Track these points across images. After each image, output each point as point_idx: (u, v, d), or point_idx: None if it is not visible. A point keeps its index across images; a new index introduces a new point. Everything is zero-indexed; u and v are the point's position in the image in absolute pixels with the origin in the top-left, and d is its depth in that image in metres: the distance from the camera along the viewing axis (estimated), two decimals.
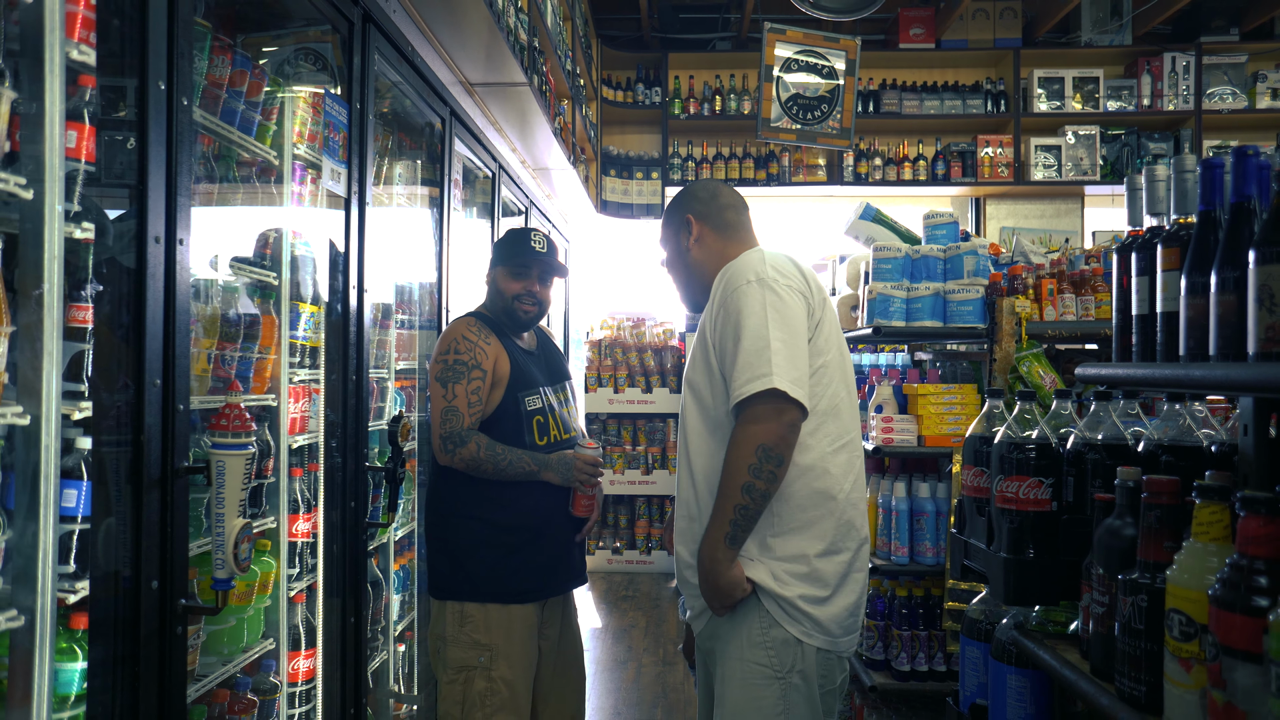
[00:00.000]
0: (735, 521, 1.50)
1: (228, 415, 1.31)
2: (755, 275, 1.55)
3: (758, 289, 1.54)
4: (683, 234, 1.77)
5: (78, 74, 1.34)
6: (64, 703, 1.33)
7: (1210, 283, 1.09)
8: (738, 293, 1.55)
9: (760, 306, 1.52)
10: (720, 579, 1.53)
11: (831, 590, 1.56)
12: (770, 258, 1.61)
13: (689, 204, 1.79)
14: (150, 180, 1.25)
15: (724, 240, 1.75)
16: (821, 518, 1.56)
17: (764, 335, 1.49)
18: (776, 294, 1.53)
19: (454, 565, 2.07)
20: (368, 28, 2.09)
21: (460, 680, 2.02)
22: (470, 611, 2.04)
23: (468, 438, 2.00)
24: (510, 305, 2.15)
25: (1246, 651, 0.86)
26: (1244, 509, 0.91)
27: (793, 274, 1.59)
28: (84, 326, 1.37)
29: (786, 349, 1.49)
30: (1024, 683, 1.41)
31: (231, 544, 1.30)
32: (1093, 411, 1.50)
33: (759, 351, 1.48)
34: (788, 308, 1.53)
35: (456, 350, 2.05)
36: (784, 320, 1.52)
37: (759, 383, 1.47)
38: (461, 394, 2.02)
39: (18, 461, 1.24)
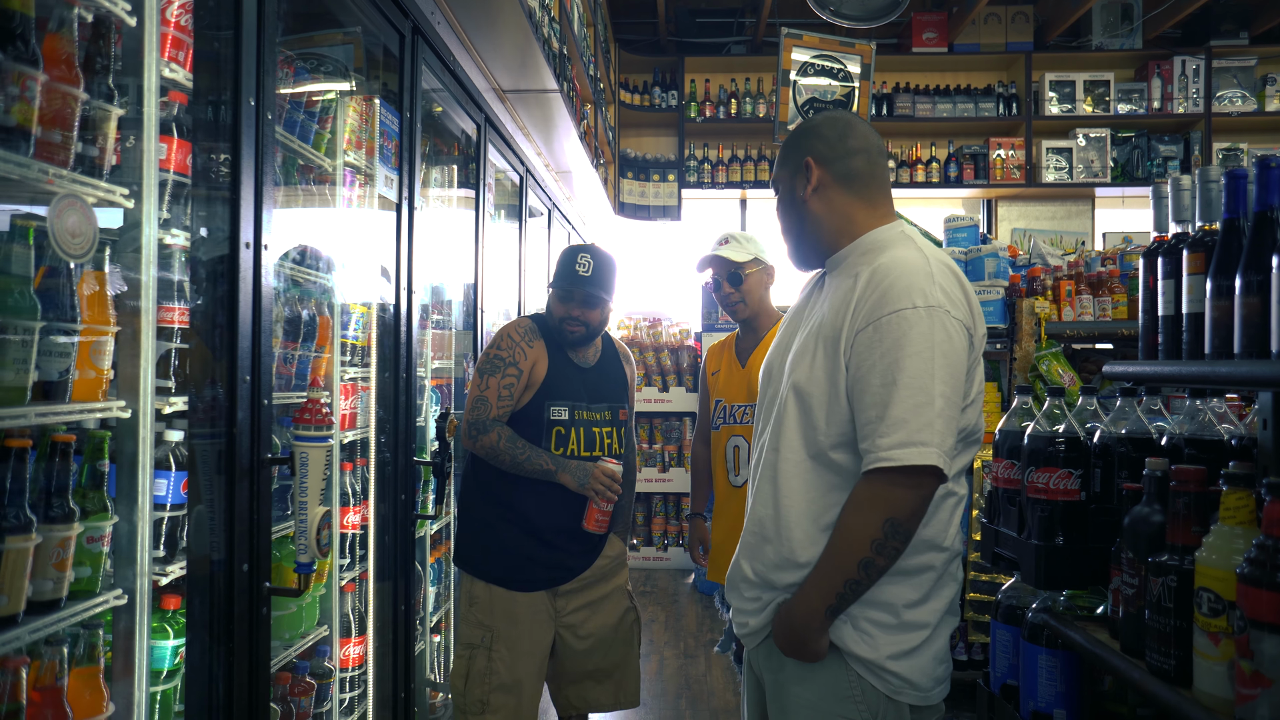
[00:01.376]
0: (842, 595, 1.30)
1: (310, 410, 1.40)
2: (924, 299, 1.28)
3: (926, 320, 1.27)
4: (799, 179, 1.46)
5: (168, 90, 1.43)
6: (156, 677, 1.43)
7: (1235, 286, 1.17)
8: (901, 318, 1.27)
9: (928, 346, 1.26)
10: (807, 647, 1.34)
11: (921, 640, 1.36)
12: (937, 270, 1.33)
13: (810, 142, 1.46)
14: (242, 190, 1.34)
15: (853, 199, 1.44)
16: (923, 568, 1.36)
17: (929, 388, 1.25)
18: (946, 331, 1.28)
19: (470, 539, 2.18)
20: (416, 40, 2.18)
21: (465, 656, 2.13)
22: (477, 593, 2.14)
23: (490, 427, 2.08)
24: (559, 326, 2.20)
25: (1273, 624, 0.95)
26: (1269, 494, 1.00)
27: (959, 299, 1.33)
28: (172, 326, 1.46)
29: (948, 409, 1.27)
30: (1054, 662, 1.49)
31: (314, 530, 1.39)
32: (1118, 407, 1.58)
33: (919, 408, 1.24)
34: (955, 349, 1.29)
35: (499, 347, 2.15)
36: (951, 368, 1.28)
37: (916, 452, 1.24)
38: (494, 386, 2.10)
39: (119, 452, 1.33)
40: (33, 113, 1.11)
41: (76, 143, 1.20)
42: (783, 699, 1.42)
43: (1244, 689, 0.97)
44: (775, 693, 1.44)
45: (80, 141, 1.22)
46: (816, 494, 1.37)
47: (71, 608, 1.19)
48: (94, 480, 1.26)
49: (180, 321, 1.47)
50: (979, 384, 1.40)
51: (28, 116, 1.10)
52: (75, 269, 1.21)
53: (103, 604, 1.26)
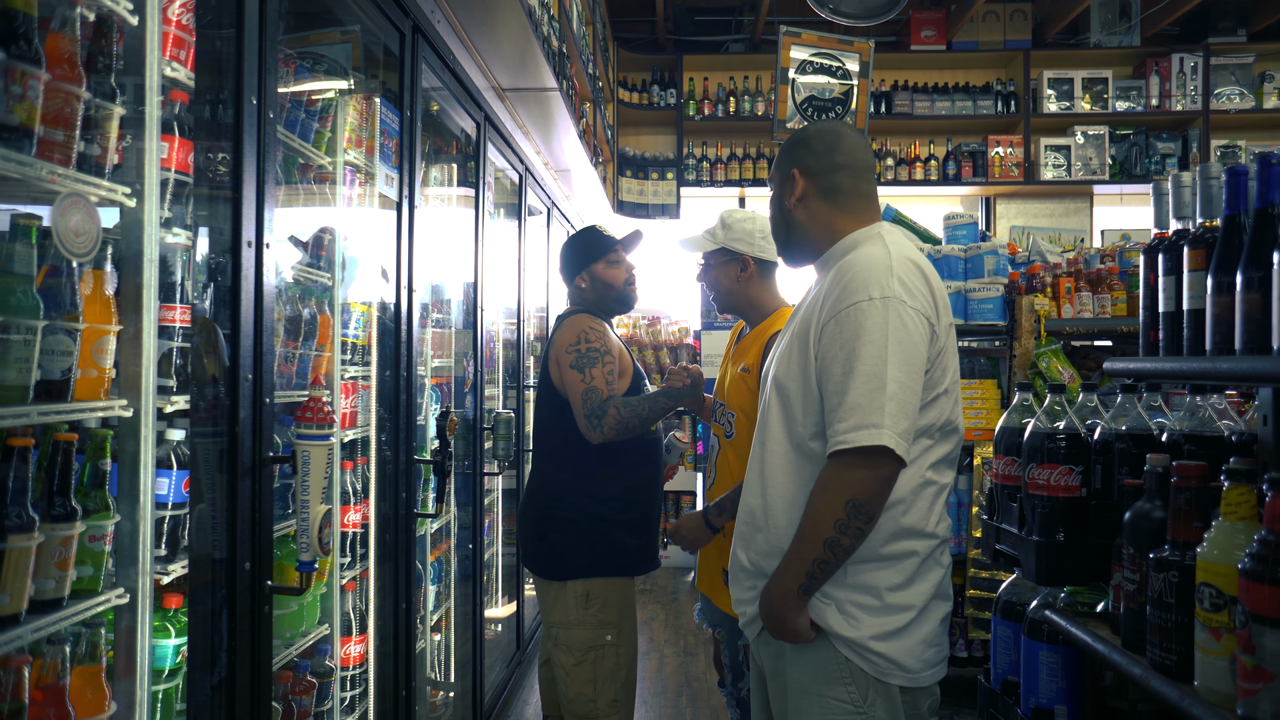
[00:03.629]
0: (812, 574, 1.37)
1: (312, 408, 1.40)
2: (880, 290, 1.35)
3: (881, 309, 1.34)
4: (786, 189, 1.55)
5: (169, 89, 1.43)
6: (158, 676, 1.43)
7: (1236, 282, 1.18)
8: (858, 310, 1.35)
9: (882, 334, 1.33)
10: (786, 625, 1.41)
11: (907, 622, 1.41)
12: (898, 263, 1.40)
13: (799, 154, 1.55)
14: (244, 189, 1.34)
15: (832, 209, 1.52)
16: (905, 553, 1.42)
17: (881, 373, 1.32)
18: (902, 320, 1.34)
19: (579, 542, 2.16)
20: (416, 38, 2.18)
21: (589, 660, 2.12)
22: (595, 591, 2.13)
23: (606, 406, 2.09)
24: (623, 292, 2.31)
25: (1275, 619, 0.95)
26: (1271, 490, 1.00)
27: (920, 290, 1.39)
28: (174, 325, 1.46)
29: (902, 393, 1.32)
30: (1055, 658, 1.50)
31: (315, 528, 1.39)
32: (1119, 404, 1.59)
33: (873, 393, 1.31)
34: (911, 337, 1.35)
35: (588, 339, 2.15)
36: (905, 354, 1.34)
37: (867, 434, 1.30)
38: (599, 375, 2.12)
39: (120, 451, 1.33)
40: (35, 112, 1.11)
41: (79, 142, 1.20)
42: (781, 681, 1.49)
43: (1245, 684, 0.97)
44: (774, 678, 1.52)
45: (82, 140, 1.22)
46: (798, 483, 1.44)
47: (73, 607, 1.19)
48: (96, 479, 1.26)
49: (182, 320, 1.47)
50: (951, 374, 1.45)
51: (31, 116, 1.10)
52: (77, 268, 1.21)
53: (105, 603, 1.26)
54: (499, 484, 3.84)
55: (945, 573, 1.50)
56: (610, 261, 2.31)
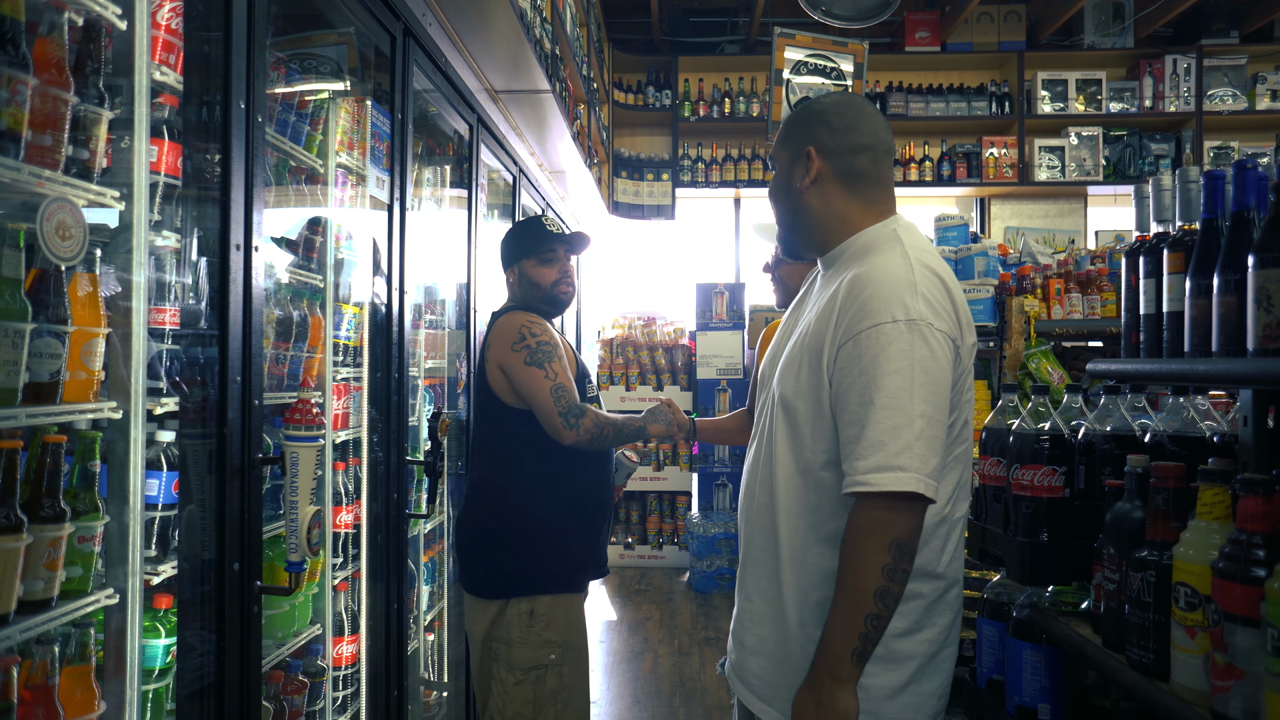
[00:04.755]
0: (866, 635, 1.18)
1: (300, 410, 1.41)
2: (905, 311, 1.21)
3: (907, 335, 1.20)
4: (798, 168, 1.37)
5: (159, 92, 1.44)
6: (149, 675, 1.44)
7: (1213, 285, 1.19)
8: (880, 333, 1.20)
9: (908, 363, 1.19)
10: (837, 706, 1.19)
11: (912, 672, 1.28)
12: (921, 277, 1.25)
13: (815, 128, 1.36)
14: (233, 193, 1.35)
15: (849, 196, 1.36)
16: (910, 595, 1.28)
17: (908, 407, 1.18)
18: (928, 345, 1.20)
19: (524, 557, 2.00)
20: (408, 41, 2.19)
21: (530, 680, 1.99)
22: (540, 609, 1.99)
23: (584, 409, 1.94)
24: (550, 293, 2.12)
25: (1245, 617, 0.96)
26: (1243, 490, 1.01)
27: (944, 308, 1.25)
28: (164, 328, 1.47)
29: (930, 428, 1.19)
30: (1039, 657, 1.51)
31: (304, 529, 1.40)
32: (1102, 405, 1.60)
33: (897, 429, 1.17)
34: (938, 366, 1.21)
35: (532, 333, 1.98)
36: (931, 385, 1.20)
37: (894, 478, 1.16)
38: (561, 370, 1.96)
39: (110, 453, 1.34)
40: (24, 116, 1.12)
41: (68, 146, 1.21)
42: None
43: (1218, 681, 0.99)
44: None
45: (71, 144, 1.23)
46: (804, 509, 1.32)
47: (63, 607, 1.20)
48: (85, 480, 1.27)
49: (171, 322, 1.48)
50: (969, 394, 1.32)
51: (19, 120, 1.11)
52: (66, 271, 1.22)
53: (94, 603, 1.27)
54: None
55: (954, 617, 1.34)
56: (544, 259, 2.11)
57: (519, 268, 2.15)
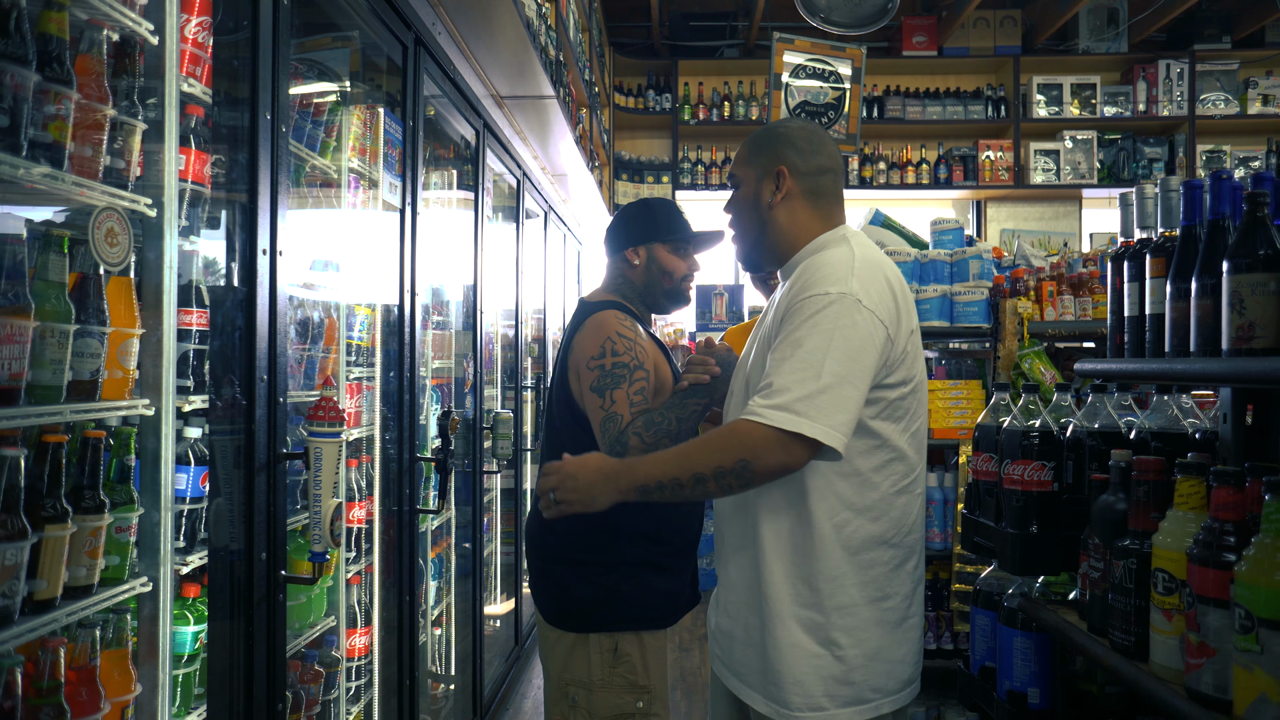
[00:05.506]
0: (662, 486, 1.33)
1: (323, 407, 1.47)
2: (838, 288, 1.32)
3: (836, 305, 1.31)
4: (767, 184, 1.47)
5: (186, 103, 1.51)
6: (178, 661, 1.51)
7: (1191, 289, 1.26)
8: (811, 301, 1.32)
9: (830, 328, 1.29)
10: (595, 492, 1.37)
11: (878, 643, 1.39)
12: (860, 264, 1.37)
13: (785, 150, 1.47)
14: (260, 200, 1.42)
15: (812, 212, 1.48)
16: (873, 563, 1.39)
17: (819, 365, 1.27)
18: (852, 319, 1.30)
19: (609, 591, 1.75)
20: (419, 50, 2.26)
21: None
22: (625, 648, 1.75)
23: (625, 437, 1.65)
24: (679, 287, 1.89)
25: (1217, 599, 1.03)
26: (1217, 481, 1.08)
27: (878, 293, 1.35)
28: (191, 329, 1.54)
29: (838, 387, 1.27)
30: (1029, 644, 1.58)
31: (328, 521, 1.46)
32: (1090, 403, 1.67)
33: (803, 380, 1.27)
34: (860, 337, 1.30)
35: (615, 350, 1.72)
36: (850, 352, 1.29)
37: (783, 417, 1.25)
38: (622, 399, 1.69)
39: (142, 448, 1.41)
40: (67, 129, 1.18)
41: (105, 155, 1.28)
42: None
43: (1192, 659, 1.06)
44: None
45: (108, 154, 1.29)
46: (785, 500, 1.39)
47: (103, 593, 1.27)
48: (122, 474, 1.34)
49: (199, 324, 1.54)
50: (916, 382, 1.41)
51: (63, 132, 1.17)
52: (104, 274, 1.29)
53: (129, 591, 1.34)
54: (497, 483, 3.91)
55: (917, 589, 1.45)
56: (680, 248, 1.88)
57: (648, 249, 1.87)
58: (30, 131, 1.12)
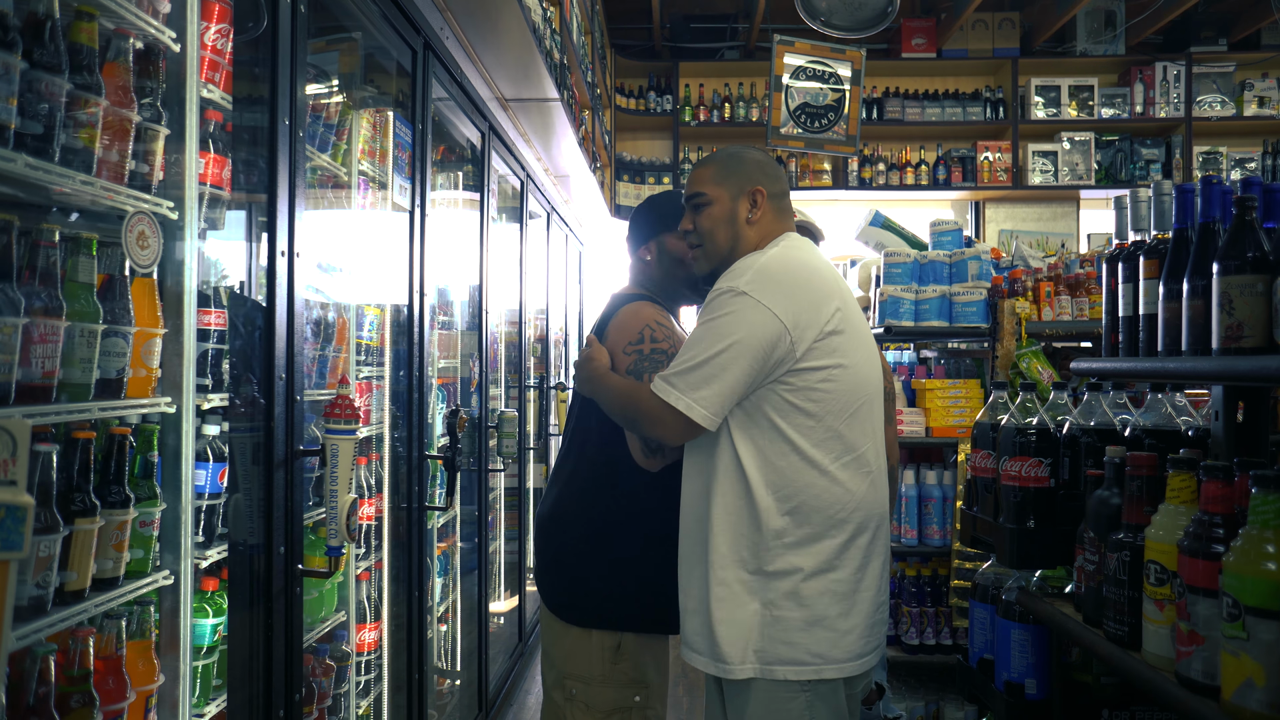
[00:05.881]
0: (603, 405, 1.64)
1: (340, 405, 1.51)
2: (739, 284, 1.49)
3: (730, 301, 1.48)
4: (743, 202, 1.62)
5: (205, 109, 1.55)
6: (198, 652, 1.54)
7: (1183, 290, 1.30)
8: (715, 294, 1.51)
9: (722, 321, 1.47)
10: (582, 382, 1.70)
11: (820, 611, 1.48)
12: (771, 263, 1.53)
13: (757, 175, 1.63)
14: (278, 203, 1.45)
15: (773, 226, 1.65)
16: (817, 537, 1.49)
17: (704, 350, 1.46)
18: (745, 315, 1.47)
19: (614, 587, 1.74)
20: (428, 55, 2.30)
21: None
22: (627, 644, 1.73)
23: None
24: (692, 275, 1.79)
25: (1206, 589, 1.07)
26: (1206, 475, 1.12)
27: (784, 293, 1.48)
28: (209, 329, 1.58)
29: (714, 373, 1.46)
30: (1026, 636, 1.62)
31: (344, 516, 1.50)
32: (1085, 401, 1.71)
33: (688, 360, 1.48)
34: (747, 326, 1.46)
35: (654, 338, 1.72)
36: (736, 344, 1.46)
37: (665, 390, 1.48)
38: None
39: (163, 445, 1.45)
40: (96, 135, 1.22)
41: (130, 160, 1.32)
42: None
43: (1182, 647, 1.10)
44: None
45: (133, 159, 1.33)
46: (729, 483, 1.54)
47: (128, 585, 1.30)
48: (145, 470, 1.37)
49: (216, 324, 1.58)
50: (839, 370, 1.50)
51: (92, 139, 1.21)
52: (129, 276, 1.32)
53: (152, 583, 1.37)
54: (501, 482, 3.95)
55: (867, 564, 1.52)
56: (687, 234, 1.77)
57: (658, 243, 1.83)
58: (62, 138, 1.16)
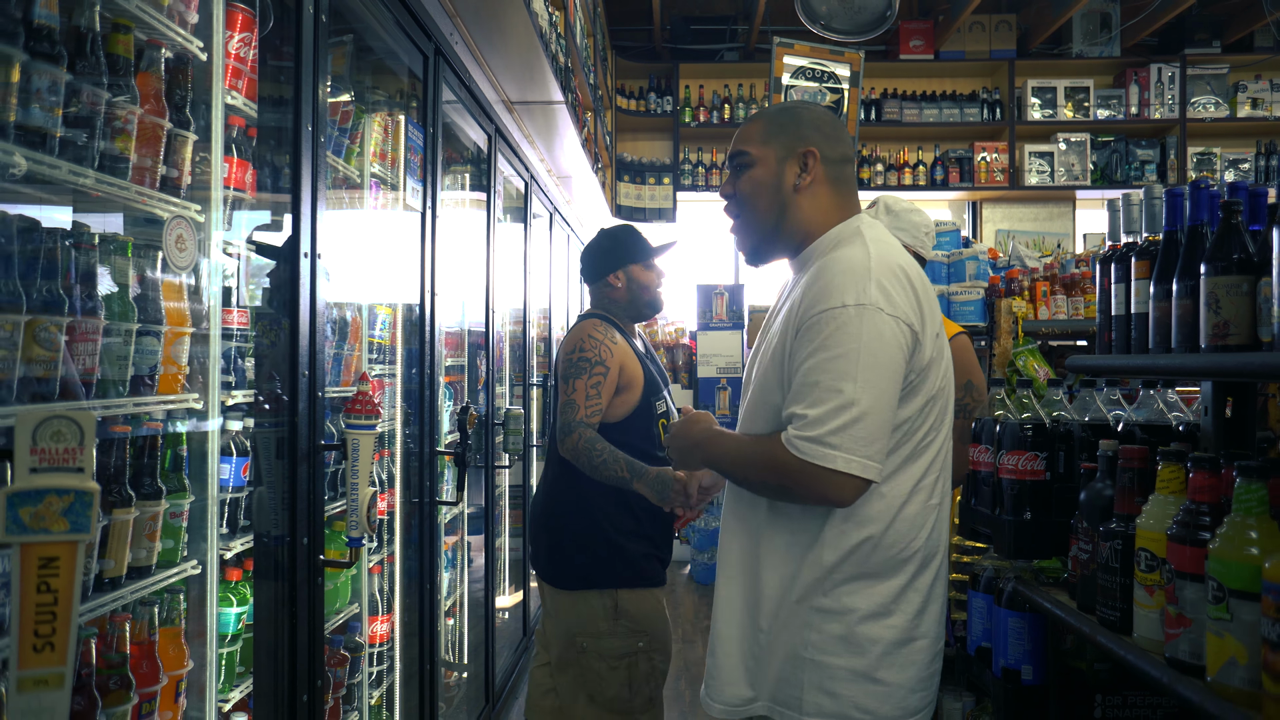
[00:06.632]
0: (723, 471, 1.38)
1: (360, 401, 1.56)
2: (856, 297, 1.23)
3: (856, 319, 1.22)
4: (791, 165, 1.37)
5: (229, 115, 1.60)
6: (222, 640, 1.60)
7: (1172, 290, 1.36)
8: (830, 316, 1.23)
9: (855, 346, 1.21)
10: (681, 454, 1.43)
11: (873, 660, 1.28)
12: (878, 266, 1.27)
13: (810, 134, 1.37)
14: (301, 206, 1.51)
15: (835, 201, 1.39)
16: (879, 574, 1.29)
17: (849, 390, 1.20)
18: (878, 330, 1.22)
19: (609, 552, 2.08)
20: (438, 60, 2.35)
21: (624, 665, 2.07)
22: (623, 604, 2.06)
23: (574, 428, 2.02)
24: (655, 296, 2.24)
25: (1193, 574, 1.13)
26: (1194, 466, 1.18)
27: (901, 297, 1.26)
28: (233, 328, 1.63)
29: (873, 412, 1.21)
30: (1022, 624, 1.68)
31: (364, 509, 1.55)
32: (1080, 397, 1.77)
33: (836, 410, 1.20)
34: (885, 349, 1.23)
35: (581, 349, 2.09)
36: (879, 368, 1.22)
37: (821, 452, 1.20)
38: (580, 388, 2.05)
39: (191, 440, 1.50)
40: (131, 142, 1.27)
41: (161, 165, 1.37)
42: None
43: (1170, 630, 1.16)
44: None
45: (163, 164, 1.38)
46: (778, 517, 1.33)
47: (160, 573, 1.36)
48: (175, 464, 1.43)
49: (239, 324, 1.63)
50: (938, 384, 1.32)
51: (127, 145, 1.26)
52: (160, 277, 1.38)
53: (182, 572, 1.43)
54: (506, 479, 4.01)
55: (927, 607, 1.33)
56: (648, 265, 2.24)
57: (625, 273, 2.22)
58: (100, 145, 1.21)
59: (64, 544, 0.73)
